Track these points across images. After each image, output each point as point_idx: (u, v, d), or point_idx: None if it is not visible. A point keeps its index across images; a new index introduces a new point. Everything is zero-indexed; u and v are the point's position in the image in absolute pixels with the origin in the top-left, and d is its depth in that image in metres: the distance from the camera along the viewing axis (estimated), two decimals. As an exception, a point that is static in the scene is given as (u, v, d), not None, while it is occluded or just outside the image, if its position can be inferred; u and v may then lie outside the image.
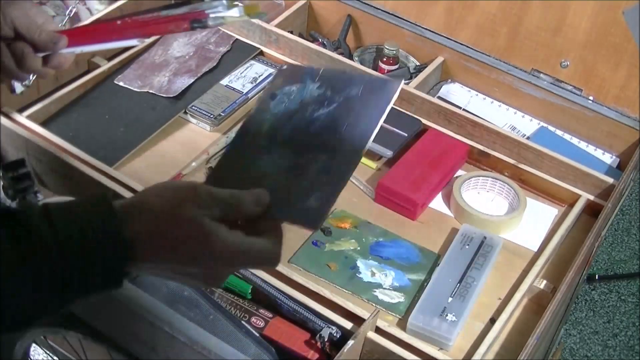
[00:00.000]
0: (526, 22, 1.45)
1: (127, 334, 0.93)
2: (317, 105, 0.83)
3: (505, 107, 1.49)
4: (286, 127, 0.83)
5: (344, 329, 0.98)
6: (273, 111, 0.84)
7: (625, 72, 1.39)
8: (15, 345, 1.20)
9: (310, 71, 0.87)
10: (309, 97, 0.84)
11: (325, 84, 0.84)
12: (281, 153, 0.81)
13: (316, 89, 0.84)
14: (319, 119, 0.82)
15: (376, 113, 0.81)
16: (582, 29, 1.41)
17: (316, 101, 0.83)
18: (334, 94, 0.83)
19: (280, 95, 0.85)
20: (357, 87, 0.83)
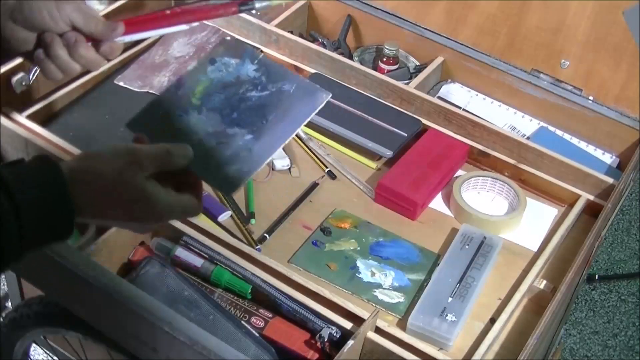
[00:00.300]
0: (526, 22, 1.45)
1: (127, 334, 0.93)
2: (251, 86, 0.90)
3: (505, 107, 1.49)
4: (219, 95, 0.90)
5: (344, 329, 0.98)
6: (210, 76, 0.91)
7: (625, 72, 1.39)
8: (15, 345, 1.20)
9: (251, 52, 0.93)
10: (245, 76, 0.91)
11: (262, 70, 0.91)
12: (210, 117, 0.88)
13: (253, 71, 0.91)
14: (251, 100, 0.89)
15: (301, 115, 0.88)
16: (582, 29, 1.41)
17: (251, 82, 0.91)
18: (268, 82, 0.91)
19: (219, 63, 0.92)
20: (290, 84, 0.90)
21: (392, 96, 1.40)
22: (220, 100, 0.89)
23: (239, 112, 0.89)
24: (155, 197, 0.76)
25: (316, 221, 1.21)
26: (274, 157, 1.28)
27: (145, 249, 1.09)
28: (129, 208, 0.76)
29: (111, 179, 0.74)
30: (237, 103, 0.89)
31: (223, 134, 0.87)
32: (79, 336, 1.09)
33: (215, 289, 1.04)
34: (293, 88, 0.90)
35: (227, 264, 1.04)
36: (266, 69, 0.92)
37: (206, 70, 0.92)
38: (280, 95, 0.90)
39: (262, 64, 0.92)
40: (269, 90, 0.90)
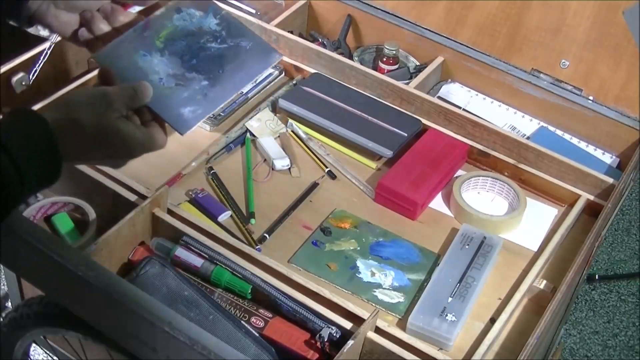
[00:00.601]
0: (526, 22, 1.45)
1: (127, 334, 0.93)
2: (211, 37, 0.98)
3: (505, 107, 1.49)
4: (181, 42, 0.97)
5: (343, 329, 0.98)
6: (175, 23, 0.98)
7: (625, 72, 1.39)
8: (15, 345, 1.20)
9: (215, 7, 1.01)
10: (207, 28, 0.99)
11: (223, 25, 0.99)
12: (172, 60, 0.95)
13: (215, 24, 0.99)
14: (210, 50, 0.97)
15: (253, 71, 0.98)
16: (582, 29, 1.41)
17: (212, 34, 0.98)
18: (227, 36, 0.99)
19: (184, 12, 0.99)
20: (247, 42, 0.99)
21: (392, 96, 1.40)
22: (182, 46, 0.96)
23: (198, 59, 0.96)
24: (129, 134, 0.85)
25: (316, 221, 1.21)
26: (273, 157, 1.28)
27: (145, 249, 1.09)
28: (107, 147, 0.85)
29: (90, 125, 0.83)
30: (197, 51, 0.96)
31: (182, 77, 0.94)
32: (79, 336, 1.09)
33: (215, 289, 1.04)
34: (250, 45, 0.99)
35: (227, 264, 1.04)
36: (227, 24, 0.99)
37: (172, 17, 0.98)
38: (237, 50, 0.98)
39: (224, 19, 1.00)
40: (228, 44, 0.98)
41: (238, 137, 1.33)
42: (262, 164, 1.30)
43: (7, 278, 1.47)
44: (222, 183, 1.25)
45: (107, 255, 1.04)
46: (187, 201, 1.21)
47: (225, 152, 1.31)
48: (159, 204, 1.10)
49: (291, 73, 1.48)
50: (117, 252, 1.06)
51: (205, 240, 1.07)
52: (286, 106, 1.37)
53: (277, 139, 1.35)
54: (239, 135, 1.34)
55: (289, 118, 1.37)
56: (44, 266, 0.94)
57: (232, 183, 1.25)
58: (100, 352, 1.11)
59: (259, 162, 1.31)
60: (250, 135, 1.34)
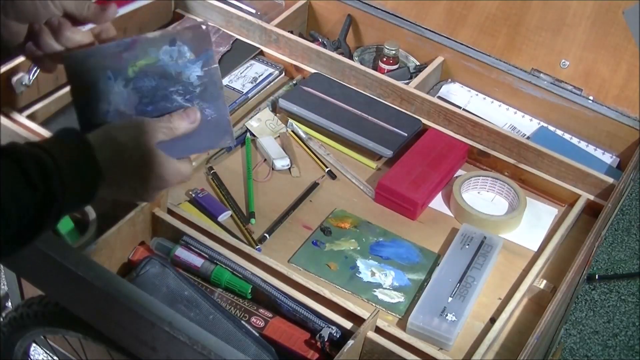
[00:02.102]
0: (526, 22, 1.45)
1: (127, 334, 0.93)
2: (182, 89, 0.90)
3: (505, 107, 1.49)
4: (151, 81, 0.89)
5: (344, 329, 0.98)
6: (160, 56, 0.89)
7: (625, 72, 1.39)
8: (16, 345, 1.20)
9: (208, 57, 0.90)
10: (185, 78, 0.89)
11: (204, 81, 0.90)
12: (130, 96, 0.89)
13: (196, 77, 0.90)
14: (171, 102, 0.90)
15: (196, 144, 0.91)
16: (582, 29, 1.41)
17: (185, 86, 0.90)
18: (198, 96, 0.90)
19: (176, 48, 0.89)
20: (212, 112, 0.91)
21: (392, 96, 1.40)
22: (149, 87, 0.89)
23: (155, 108, 0.89)
24: (165, 161, 0.86)
25: (316, 221, 1.21)
26: (273, 157, 1.28)
27: (145, 249, 1.09)
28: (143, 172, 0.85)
29: (129, 146, 0.83)
30: (159, 98, 0.89)
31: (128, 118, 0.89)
32: (79, 336, 1.09)
33: (215, 289, 1.04)
34: (212, 117, 0.91)
35: (227, 263, 1.04)
36: (208, 82, 0.90)
37: (161, 47, 0.89)
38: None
39: (208, 75, 0.90)
40: (191, 104, 0.90)
41: (238, 137, 1.33)
42: (262, 164, 1.30)
43: (7, 278, 1.47)
44: (222, 183, 1.25)
45: (107, 255, 1.04)
46: (187, 201, 1.21)
47: (225, 152, 1.31)
48: (159, 203, 1.10)
49: (291, 73, 1.48)
50: (117, 252, 1.06)
51: (206, 240, 1.07)
52: (286, 106, 1.37)
53: (277, 139, 1.35)
54: (239, 135, 1.34)
55: (289, 118, 1.37)
56: (44, 266, 0.94)
57: (232, 183, 1.25)
58: (100, 352, 1.11)
59: (259, 162, 1.31)
60: (250, 135, 1.34)
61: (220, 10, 1.52)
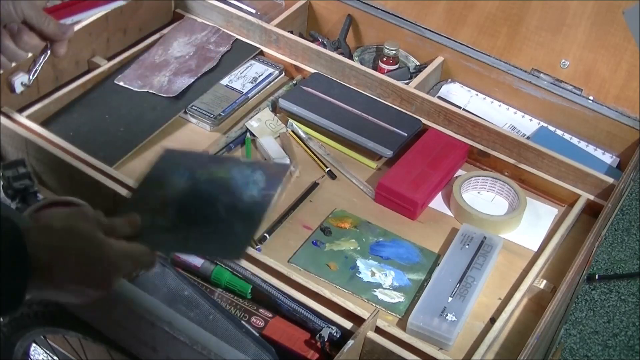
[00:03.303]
0: (526, 22, 1.45)
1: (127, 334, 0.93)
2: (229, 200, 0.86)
3: (505, 107, 1.49)
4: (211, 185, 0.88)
5: (344, 329, 0.98)
6: (234, 174, 0.88)
7: (625, 72, 1.39)
8: (16, 345, 1.20)
9: (279, 183, 0.87)
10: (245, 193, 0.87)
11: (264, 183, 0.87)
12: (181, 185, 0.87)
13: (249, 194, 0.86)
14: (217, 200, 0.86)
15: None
16: (582, 29, 1.41)
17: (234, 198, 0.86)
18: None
19: (255, 176, 0.88)
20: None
21: (392, 96, 1.40)
22: (204, 190, 0.87)
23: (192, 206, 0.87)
24: (107, 243, 0.75)
25: (316, 221, 1.21)
26: (273, 157, 1.28)
27: (145, 249, 1.09)
28: (81, 258, 0.74)
29: (63, 230, 0.74)
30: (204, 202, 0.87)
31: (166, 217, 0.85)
32: (79, 336, 1.09)
33: (215, 289, 1.04)
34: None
35: (227, 263, 1.04)
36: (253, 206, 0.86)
37: (242, 170, 0.89)
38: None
39: (261, 201, 0.86)
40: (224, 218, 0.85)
41: (238, 137, 1.33)
42: (262, 164, 1.31)
43: (7, 278, 1.47)
44: (222, 183, 1.24)
45: (107, 255, 1.04)
46: (187, 201, 1.20)
47: (225, 152, 1.31)
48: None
49: (291, 73, 1.48)
50: (117, 252, 1.06)
51: (206, 240, 1.07)
52: (286, 106, 1.37)
53: (277, 139, 1.35)
54: (239, 135, 1.34)
55: (289, 118, 1.37)
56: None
57: (232, 183, 1.25)
58: (100, 352, 1.11)
59: (259, 162, 1.31)
60: (250, 135, 1.34)
61: (220, 10, 1.52)
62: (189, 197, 0.87)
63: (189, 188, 0.88)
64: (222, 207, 0.84)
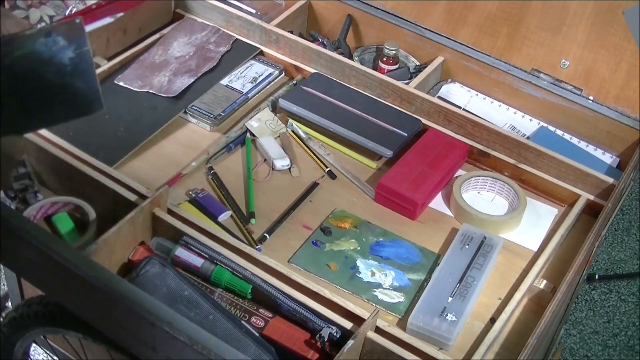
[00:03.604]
0: (526, 22, 1.45)
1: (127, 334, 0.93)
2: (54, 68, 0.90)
3: (505, 107, 1.49)
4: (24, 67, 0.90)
5: (344, 328, 0.98)
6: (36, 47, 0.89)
7: (625, 72, 1.39)
8: (16, 345, 1.20)
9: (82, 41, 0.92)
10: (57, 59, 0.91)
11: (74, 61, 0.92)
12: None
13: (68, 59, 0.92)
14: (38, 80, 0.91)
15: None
16: (582, 29, 1.41)
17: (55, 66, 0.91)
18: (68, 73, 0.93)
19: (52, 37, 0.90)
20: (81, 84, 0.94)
21: (392, 96, 1.40)
22: (23, 72, 0.90)
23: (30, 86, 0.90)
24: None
25: (316, 221, 1.21)
26: (273, 157, 1.28)
27: (145, 249, 1.09)
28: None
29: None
30: (34, 80, 0.90)
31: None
32: (79, 336, 1.09)
33: (215, 289, 1.04)
34: (81, 88, 0.93)
35: (227, 263, 1.04)
36: (78, 61, 0.93)
37: (37, 40, 0.91)
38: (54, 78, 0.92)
39: (78, 56, 0.92)
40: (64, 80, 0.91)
41: (238, 137, 1.33)
42: (262, 164, 1.31)
43: (7, 278, 1.47)
44: (222, 183, 1.25)
45: (107, 255, 1.04)
46: (187, 201, 1.21)
47: (225, 152, 1.31)
48: (159, 203, 1.10)
49: (291, 73, 1.48)
50: (117, 252, 1.06)
51: (206, 240, 1.07)
52: (286, 106, 1.37)
53: (277, 139, 1.35)
54: (239, 135, 1.34)
55: (289, 118, 1.37)
56: (44, 266, 0.94)
57: (232, 183, 1.25)
58: (100, 352, 1.11)
59: (259, 162, 1.31)
60: (250, 135, 1.34)
61: (220, 10, 1.52)
62: (15, 83, 0.90)
63: (7, 76, 0.90)
64: (51, 75, 0.89)
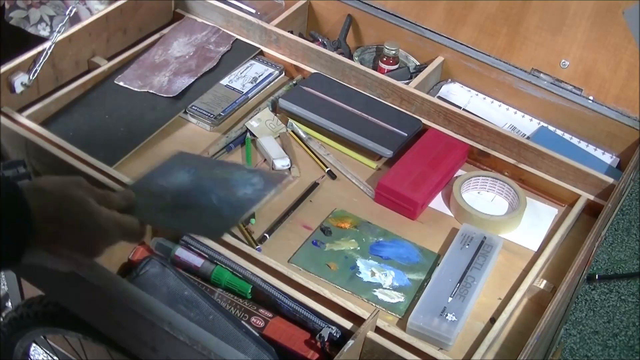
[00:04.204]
0: (526, 22, 1.45)
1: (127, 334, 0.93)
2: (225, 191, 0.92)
3: (505, 107, 1.49)
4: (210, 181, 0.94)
5: (344, 329, 0.98)
6: (234, 176, 0.94)
7: (625, 72, 1.39)
8: (15, 345, 1.20)
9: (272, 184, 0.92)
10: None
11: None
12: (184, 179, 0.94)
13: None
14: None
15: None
16: (582, 29, 1.41)
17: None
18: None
19: (254, 176, 0.94)
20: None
21: (392, 96, 1.40)
22: (204, 183, 0.93)
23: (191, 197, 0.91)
24: (98, 210, 0.79)
25: (316, 221, 1.21)
26: (273, 157, 1.28)
27: (145, 249, 1.09)
28: (72, 223, 0.78)
29: (58, 194, 0.77)
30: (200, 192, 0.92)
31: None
32: (79, 336, 1.09)
33: (215, 289, 1.04)
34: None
35: (227, 263, 1.04)
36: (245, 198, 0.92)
37: (242, 172, 0.95)
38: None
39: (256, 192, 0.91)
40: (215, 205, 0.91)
41: (238, 137, 1.33)
42: (262, 164, 1.30)
43: (7, 278, 1.47)
44: (222, 183, 1.24)
45: (107, 255, 1.03)
46: (187, 201, 1.20)
47: (225, 152, 1.31)
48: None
49: (291, 73, 1.48)
50: (117, 252, 1.06)
51: (206, 240, 1.07)
52: (286, 106, 1.37)
53: (277, 139, 1.35)
54: (239, 135, 1.34)
55: (289, 118, 1.37)
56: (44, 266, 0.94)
57: (232, 183, 1.25)
58: (100, 352, 1.11)
59: (259, 162, 1.31)
60: (250, 135, 1.34)
61: (220, 10, 1.52)
62: (188, 188, 0.92)
63: (190, 182, 0.93)
64: (215, 197, 0.90)
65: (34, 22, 1.78)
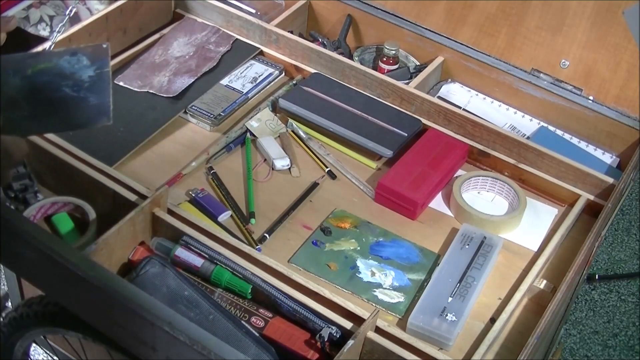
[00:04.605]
0: (526, 22, 1.45)
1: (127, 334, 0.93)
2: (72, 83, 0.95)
3: (505, 107, 1.49)
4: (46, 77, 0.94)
5: (344, 329, 0.98)
6: (60, 62, 0.94)
7: (625, 72, 1.39)
8: (15, 345, 1.20)
9: (104, 63, 0.97)
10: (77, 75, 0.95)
11: (94, 78, 0.97)
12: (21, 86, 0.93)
13: (87, 76, 0.96)
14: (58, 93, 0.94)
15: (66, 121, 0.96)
16: (582, 29, 1.41)
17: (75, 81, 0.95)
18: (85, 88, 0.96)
19: (75, 57, 0.95)
20: (94, 98, 0.96)
21: (392, 96, 1.40)
22: (42, 82, 0.93)
23: (42, 95, 0.93)
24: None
25: (316, 221, 1.21)
26: (273, 157, 1.28)
27: (145, 249, 1.09)
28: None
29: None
30: (49, 90, 0.93)
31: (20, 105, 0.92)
32: (79, 336, 1.09)
33: (215, 289, 1.04)
34: (93, 102, 0.95)
35: (227, 263, 1.04)
36: (96, 79, 0.96)
37: (62, 56, 0.95)
38: (76, 101, 0.94)
39: (98, 75, 0.96)
40: (77, 94, 0.94)
41: (238, 137, 1.33)
42: (262, 164, 1.31)
43: (7, 278, 1.47)
44: (222, 183, 1.25)
45: (107, 255, 1.04)
46: (187, 201, 1.21)
47: (225, 152, 1.31)
48: (159, 203, 1.09)
49: (291, 73, 1.48)
50: (117, 252, 1.06)
51: (206, 240, 1.07)
52: (286, 106, 1.37)
53: (277, 139, 1.35)
54: (239, 135, 1.34)
55: (289, 118, 1.37)
56: (44, 266, 0.94)
57: (232, 183, 1.25)
58: (100, 352, 1.11)
59: (259, 162, 1.31)
60: (250, 135, 1.34)
61: (220, 10, 1.52)
62: (32, 90, 0.93)
63: (26, 83, 0.93)
64: (67, 87, 0.92)
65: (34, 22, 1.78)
